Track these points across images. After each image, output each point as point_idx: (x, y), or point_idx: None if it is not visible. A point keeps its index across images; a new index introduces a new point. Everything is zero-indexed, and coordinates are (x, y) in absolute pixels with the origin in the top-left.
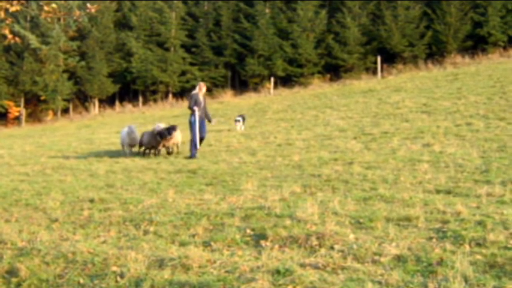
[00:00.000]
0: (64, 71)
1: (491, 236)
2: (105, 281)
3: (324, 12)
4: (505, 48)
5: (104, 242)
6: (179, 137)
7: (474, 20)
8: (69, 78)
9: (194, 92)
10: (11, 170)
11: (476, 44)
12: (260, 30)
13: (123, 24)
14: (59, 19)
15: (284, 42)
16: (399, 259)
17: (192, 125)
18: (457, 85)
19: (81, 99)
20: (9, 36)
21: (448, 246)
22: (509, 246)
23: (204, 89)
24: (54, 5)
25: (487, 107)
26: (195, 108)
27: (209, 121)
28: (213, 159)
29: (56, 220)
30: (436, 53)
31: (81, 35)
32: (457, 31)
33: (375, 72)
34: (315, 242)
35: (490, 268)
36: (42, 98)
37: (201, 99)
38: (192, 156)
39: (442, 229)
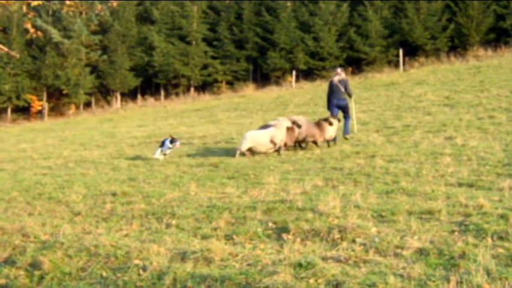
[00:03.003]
0: (86, 65)
1: None
2: (127, 274)
3: (345, 5)
4: None
5: (126, 235)
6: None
7: (497, 12)
8: (91, 72)
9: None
10: (33, 163)
11: (499, 36)
12: (282, 23)
13: (144, 18)
14: (80, 13)
15: (306, 36)
16: (421, 252)
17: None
18: (479, 78)
19: (103, 93)
20: (32, 30)
21: (470, 239)
22: None
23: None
24: None
25: (509, 100)
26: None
27: None
28: (235, 153)
29: (79, 213)
30: (458, 46)
31: (103, 29)
32: (479, 24)
33: (397, 65)
34: (336, 235)
35: None
36: (65, 92)
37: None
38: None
39: (464, 222)
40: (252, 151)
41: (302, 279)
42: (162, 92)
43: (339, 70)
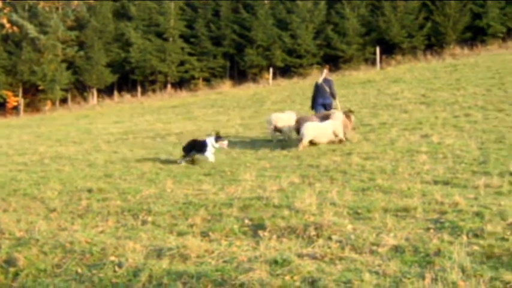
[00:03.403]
0: (62, 61)
1: (488, 227)
2: (103, 270)
3: (323, 3)
4: (504, 39)
5: (102, 232)
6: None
7: (473, 11)
8: (68, 68)
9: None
10: (9, 159)
11: (475, 35)
12: (259, 20)
13: (121, 14)
14: (57, 8)
15: (283, 33)
16: (397, 250)
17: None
18: (455, 76)
19: (80, 89)
20: (7, 25)
21: (446, 237)
22: (506, 237)
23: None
24: None
25: (485, 98)
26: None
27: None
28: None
29: (54, 210)
30: (435, 44)
31: (79, 25)
32: (456, 22)
33: (373, 63)
34: (312, 233)
35: (487, 259)
36: (41, 87)
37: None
38: None
39: (439, 220)
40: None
41: (278, 276)
42: (139, 89)
43: (325, 71)
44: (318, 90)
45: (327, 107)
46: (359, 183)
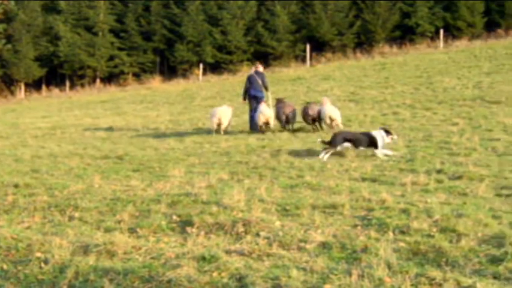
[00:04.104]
0: None
1: (414, 224)
2: (28, 267)
3: None
4: (432, 38)
5: (28, 227)
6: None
7: (403, 10)
8: None
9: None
10: None
11: (405, 34)
12: (190, 16)
13: (50, 8)
14: None
15: (214, 29)
16: (324, 246)
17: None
18: (384, 74)
19: (7, 82)
20: None
21: (373, 233)
22: (432, 234)
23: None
24: None
25: (413, 97)
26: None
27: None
28: (140, 145)
29: None
30: (364, 42)
31: (7, 18)
32: (385, 21)
33: (303, 61)
34: (241, 229)
35: (413, 255)
36: None
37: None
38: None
39: (367, 217)
40: None
41: (205, 273)
42: (68, 83)
43: (258, 64)
44: (250, 82)
45: (259, 99)
46: (288, 180)
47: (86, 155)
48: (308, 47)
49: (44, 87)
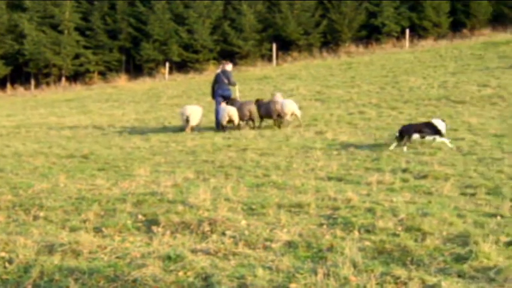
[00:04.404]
0: None
1: (380, 223)
2: None
3: None
4: (398, 38)
5: None
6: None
7: (369, 10)
8: None
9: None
10: None
11: (370, 34)
12: (156, 14)
13: (15, 6)
14: None
15: (180, 28)
16: (290, 245)
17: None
18: (350, 74)
19: None
20: None
21: (338, 232)
22: (397, 233)
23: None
24: None
25: (379, 96)
26: None
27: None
28: (105, 144)
29: None
30: (330, 41)
31: None
32: (351, 21)
33: (270, 60)
34: (206, 228)
35: (379, 254)
36: None
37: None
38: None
39: (332, 216)
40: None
41: (171, 272)
42: (33, 81)
43: (225, 62)
44: (216, 81)
45: (226, 98)
46: (254, 179)
47: (51, 154)
48: (274, 46)
49: (8, 85)
